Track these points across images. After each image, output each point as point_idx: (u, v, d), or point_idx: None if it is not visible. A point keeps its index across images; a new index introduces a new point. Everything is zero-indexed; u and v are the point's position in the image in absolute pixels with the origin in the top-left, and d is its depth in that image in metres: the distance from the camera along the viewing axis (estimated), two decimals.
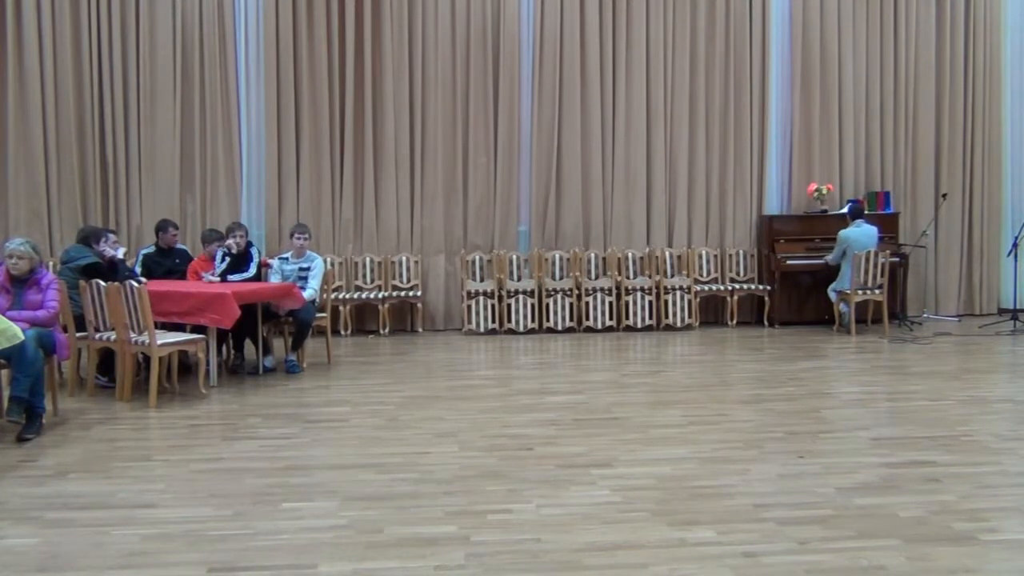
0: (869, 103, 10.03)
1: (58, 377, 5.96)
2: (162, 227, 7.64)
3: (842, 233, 8.97)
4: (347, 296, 9.21)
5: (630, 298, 9.41)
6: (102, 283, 6.03)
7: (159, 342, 5.90)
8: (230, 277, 7.14)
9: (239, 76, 9.35)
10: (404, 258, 9.50)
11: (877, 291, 8.94)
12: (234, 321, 6.26)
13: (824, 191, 9.68)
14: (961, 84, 10.15)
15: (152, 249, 7.64)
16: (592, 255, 9.64)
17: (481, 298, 9.26)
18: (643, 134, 9.74)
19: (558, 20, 9.54)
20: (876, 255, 8.83)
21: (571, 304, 9.34)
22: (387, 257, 9.51)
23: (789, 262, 9.48)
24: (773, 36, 9.91)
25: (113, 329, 6.06)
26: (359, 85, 9.41)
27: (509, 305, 9.29)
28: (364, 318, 9.52)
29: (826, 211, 9.72)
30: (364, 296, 9.23)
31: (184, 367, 6.91)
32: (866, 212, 9.50)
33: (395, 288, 9.44)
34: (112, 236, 6.78)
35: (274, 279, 7.44)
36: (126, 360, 6.08)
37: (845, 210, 9.22)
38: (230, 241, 7.25)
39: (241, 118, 9.37)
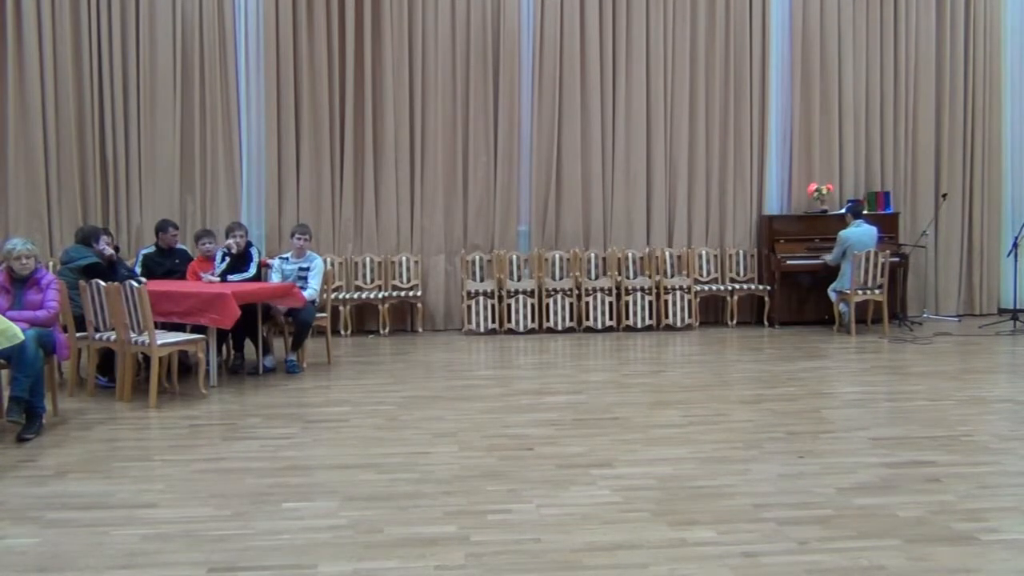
0: (869, 103, 10.02)
1: (58, 377, 5.97)
2: (162, 227, 7.64)
3: (842, 233, 8.97)
4: (347, 296, 9.21)
5: (630, 298, 9.41)
6: (102, 283, 6.03)
7: (159, 342, 5.90)
8: (230, 277, 7.14)
9: (239, 76, 9.34)
10: (404, 258, 9.50)
11: (877, 291, 8.95)
12: (234, 321, 6.25)
13: (824, 191, 9.67)
14: (961, 84, 10.14)
15: (152, 249, 7.64)
16: (592, 255, 9.63)
17: (481, 298, 9.25)
18: (643, 134, 9.73)
19: (558, 20, 9.53)
20: (876, 255, 8.83)
21: (571, 304, 9.34)
22: (387, 257, 9.51)
23: (789, 262, 9.47)
24: (773, 36, 9.91)
25: (113, 329, 6.06)
26: (359, 85, 9.40)
27: (509, 305, 9.29)
28: (364, 318, 9.52)
29: (826, 211, 9.72)
30: (364, 296, 9.22)
31: (184, 367, 6.91)
32: (866, 212, 9.50)
33: (395, 288, 9.44)
34: (106, 237, 6.78)
35: (274, 279, 7.44)
36: (126, 360, 6.08)
37: (844, 210, 9.23)
38: (230, 241, 7.25)
39: (241, 118, 9.36)
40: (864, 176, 10.08)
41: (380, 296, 9.24)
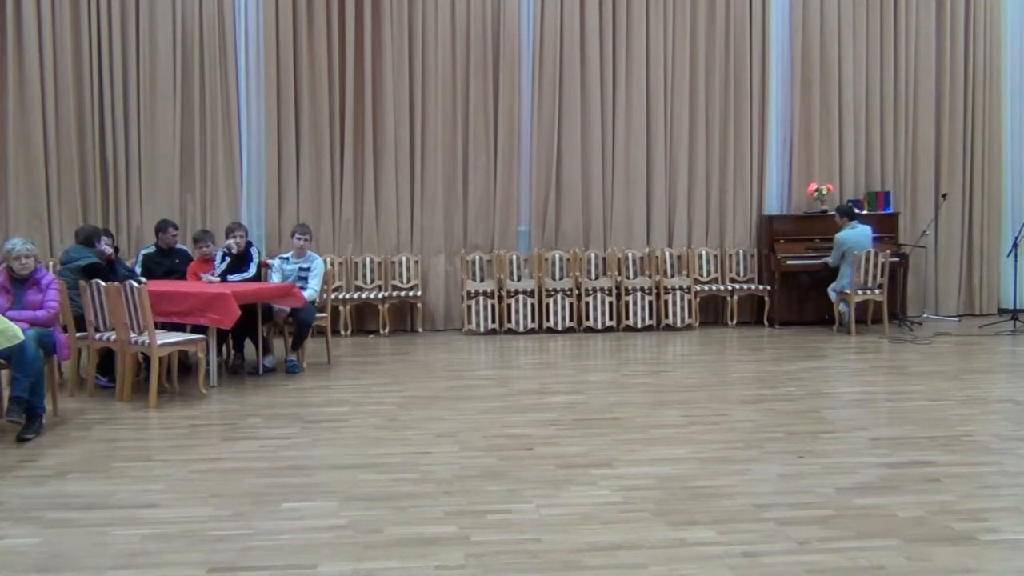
0: (869, 103, 10.02)
1: (58, 377, 5.96)
2: (162, 227, 7.64)
3: (839, 236, 8.97)
4: (347, 296, 9.20)
5: (630, 298, 9.41)
6: (102, 283, 6.03)
7: (159, 342, 5.90)
8: (230, 277, 7.14)
9: (239, 76, 9.34)
10: (404, 258, 9.50)
11: (877, 291, 8.95)
12: (234, 321, 6.25)
13: (824, 191, 9.67)
14: (961, 84, 10.14)
15: (152, 249, 7.65)
16: (592, 255, 9.63)
17: (481, 298, 9.25)
18: (643, 134, 9.73)
19: (558, 20, 9.53)
20: (876, 255, 8.83)
21: (571, 304, 9.34)
22: (387, 257, 9.51)
23: (789, 262, 9.47)
24: (773, 36, 9.90)
25: (113, 329, 6.06)
26: (359, 85, 9.40)
27: (509, 305, 9.28)
28: (364, 318, 9.52)
29: (826, 211, 9.70)
30: (364, 296, 9.22)
31: (184, 367, 6.91)
32: (866, 212, 9.52)
33: (395, 288, 9.44)
34: (106, 237, 6.78)
35: (274, 279, 7.44)
36: (126, 360, 6.08)
37: (836, 211, 9.22)
38: (230, 241, 7.26)
39: (241, 118, 9.36)
40: (864, 176, 10.07)
41: (380, 296, 9.23)
